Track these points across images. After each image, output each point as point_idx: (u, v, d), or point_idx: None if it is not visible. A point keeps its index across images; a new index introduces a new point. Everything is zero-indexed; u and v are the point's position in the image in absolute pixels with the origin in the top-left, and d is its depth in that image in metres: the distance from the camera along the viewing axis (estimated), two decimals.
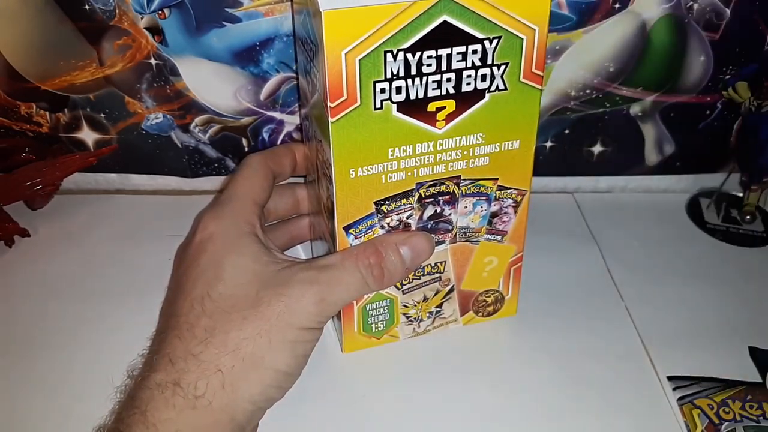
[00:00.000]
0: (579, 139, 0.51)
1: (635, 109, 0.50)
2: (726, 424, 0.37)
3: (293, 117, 0.50)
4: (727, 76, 0.48)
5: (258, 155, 0.40)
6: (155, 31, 0.45)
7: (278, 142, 0.51)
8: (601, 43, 0.46)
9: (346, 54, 0.30)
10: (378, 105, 0.32)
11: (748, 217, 0.52)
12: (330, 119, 0.31)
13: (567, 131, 0.50)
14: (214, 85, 0.47)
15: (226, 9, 0.44)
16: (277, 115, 0.49)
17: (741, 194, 0.53)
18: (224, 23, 0.44)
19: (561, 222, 0.51)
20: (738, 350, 0.41)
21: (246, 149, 0.51)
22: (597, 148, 0.52)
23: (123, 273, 0.46)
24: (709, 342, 0.42)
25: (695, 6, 0.45)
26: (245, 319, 0.32)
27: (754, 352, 0.41)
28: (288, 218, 0.44)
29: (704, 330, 0.43)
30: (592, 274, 0.47)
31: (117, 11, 0.44)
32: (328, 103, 0.31)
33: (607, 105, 0.49)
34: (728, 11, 0.45)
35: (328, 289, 0.33)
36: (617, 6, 0.45)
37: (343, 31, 0.29)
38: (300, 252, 0.47)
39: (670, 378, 0.39)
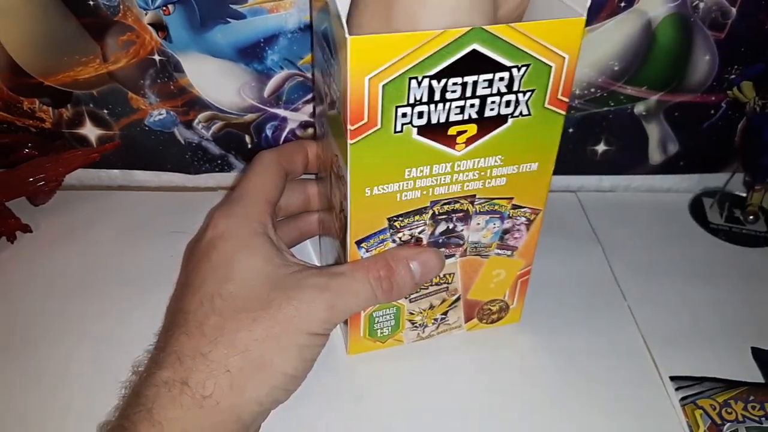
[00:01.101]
0: (583, 137, 0.51)
1: (639, 108, 0.50)
2: (728, 424, 0.37)
3: (297, 114, 0.49)
4: (732, 76, 0.48)
5: (270, 152, 0.39)
6: (159, 27, 0.45)
7: (282, 140, 0.51)
8: (606, 42, 0.46)
9: (369, 79, 0.29)
10: (398, 129, 0.31)
11: (751, 217, 0.52)
12: (349, 141, 0.31)
13: (571, 130, 0.50)
14: (217, 82, 0.47)
15: (231, 5, 0.44)
16: (280, 112, 0.49)
17: (744, 194, 0.53)
18: (228, 20, 0.44)
19: (564, 221, 0.51)
20: (740, 351, 0.41)
21: (249, 146, 0.51)
22: (601, 147, 0.52)
23: (125, 269, 0.46)
24: (711, 342, 0.42)
25: (701, 5, 0.45)
26: (255, 321, 0.31)
27: (756, 352, 0.41)
28: (297, 214, 0.44)
29: (707, 330, 0.43)
30: (595, 274, 0.47)
31: (121, 7, 0.44)
32: (348, 126, 0.30)
33: (612, 104, 0.49)
34: (734, 10, 0.45)
35: (337, 297, 0.33)
36: (623, 5, 0.45)
37: (368, 58, 0.28)
38: (308, 247, 0.47)
39: (672, 378, 0.39)
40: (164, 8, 0.44)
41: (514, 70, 0.31)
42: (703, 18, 0.46)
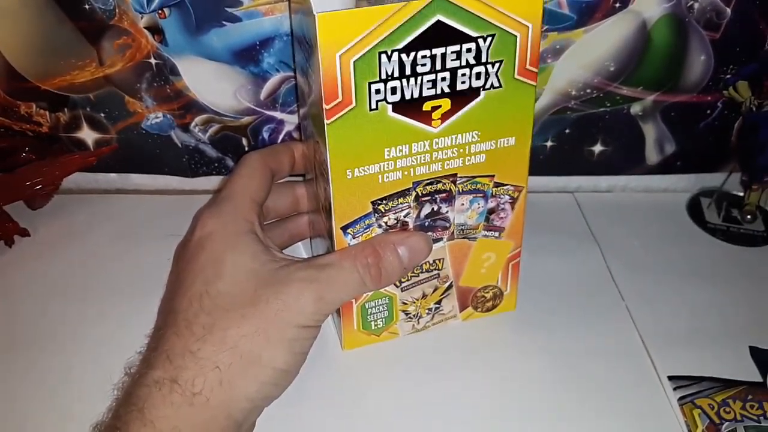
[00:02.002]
0: (579, 138, 0.51)
1: (636, 109, 0.50)
2: (727, 423, 0.37)
3: (293, 116, 0.49)
4: (728, 76, 0.48)
5: (256, 153, 0.40)
6: (155, 30, 0.45)
7: (278, 142, 0.51)
8: (601, 43, 0.46)
9: (340, 56, 0.30)
10: (373, 106, 0.32)
11: (748, 216, 0.52)
12: (326, 121, 0.31)
13: (567, 131, 0.50)
14: (214, 85, 0.47)
15: (226, 8, 0.44)
16: (277, 114, 0.49)
17: (742, 194, 0.53)
18: (224, 23, 0.44)
19: (562, 222, 0.51)
20: (738, 350, 0.41)
21: (246, 149, 0.51)
22: (597, 148, 0.52)
23: (123, 272, 0.46)
24: (709, 341, 0.42)
25: (696, 5, 0.45)
26: (243, 317, 0.32)
27: (754, 351, 0.41)
28: (287, 216, 0.44)
29: (705, 329, 0.43)
30: (593, 274, 0.47)
31: (117, 11, 0.44)
32: (324, 105, 0.31)
33: (608, 104, 0.49)
34: (729, 10, 0.45)
35: (326, 288, 0.33)
36: (618, 5, 0.45)
37: (337, 34, 0.29)
38: (301, 249, 0.47)
39: (670, 378, 0.39)
40: (160, 12, 0.44)
41: (480, 41, 0.32)
42: (698, 18, 0.46)
